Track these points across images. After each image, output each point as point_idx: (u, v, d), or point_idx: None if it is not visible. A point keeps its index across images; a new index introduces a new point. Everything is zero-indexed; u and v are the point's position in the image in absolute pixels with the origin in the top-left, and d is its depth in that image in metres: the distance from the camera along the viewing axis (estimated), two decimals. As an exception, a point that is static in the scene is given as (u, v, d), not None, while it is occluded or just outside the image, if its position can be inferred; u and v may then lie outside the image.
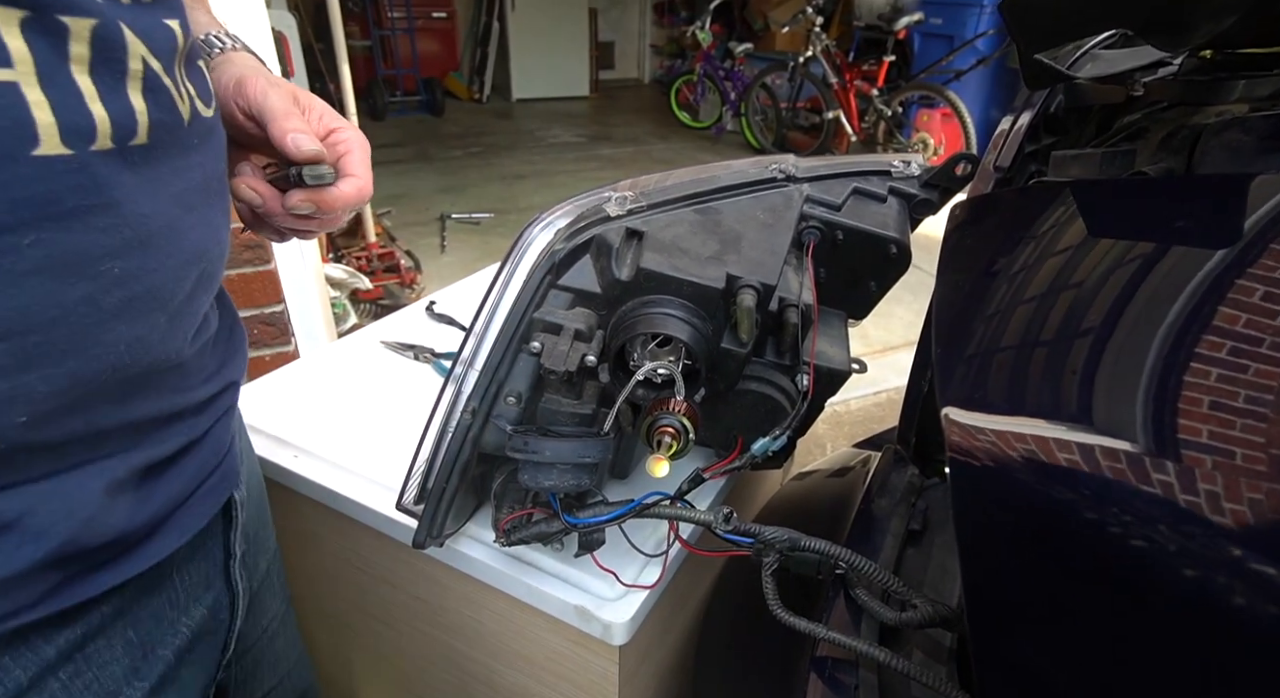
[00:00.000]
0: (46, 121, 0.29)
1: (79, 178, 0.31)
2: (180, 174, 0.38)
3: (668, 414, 0.49)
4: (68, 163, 0.30)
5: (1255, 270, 0.29)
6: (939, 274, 0.43)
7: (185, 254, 0.38)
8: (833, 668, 0.49)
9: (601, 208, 0.54)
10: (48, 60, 0.29)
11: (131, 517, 0.38)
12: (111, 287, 0.33)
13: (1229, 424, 0.25)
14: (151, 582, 0.42)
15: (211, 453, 0.45)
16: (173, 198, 0.37)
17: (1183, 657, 0.22)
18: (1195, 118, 0.50)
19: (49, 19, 0.29)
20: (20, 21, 0.28)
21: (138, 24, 0.34)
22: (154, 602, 0.43)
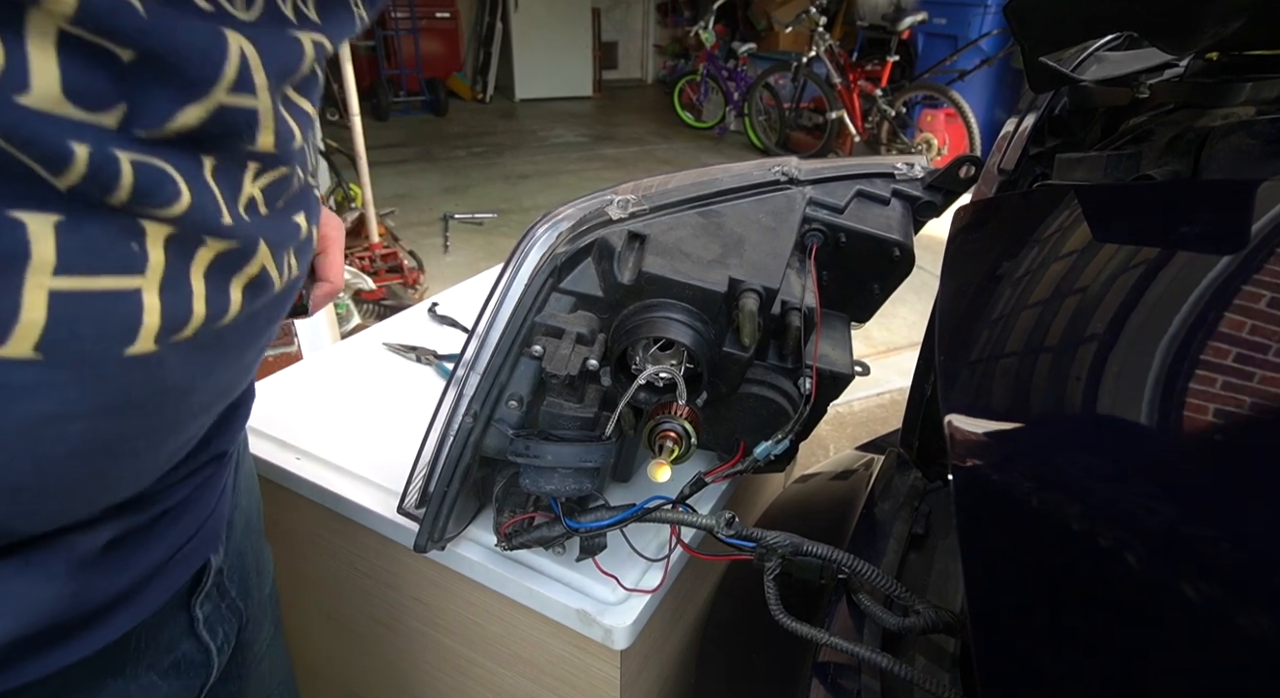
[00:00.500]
0: (151, 324, 0.29)
1: (152, 371, 0.30)
2: (251, 343, 0.37)
3: (670, 418, 0.49)
4: (147, 358, 0.29)
5: (1261, 277, 0.28)
6: (943, 279, 0.43)
7: (215, 398, 0.37)
8: (835, 673, 0.48)
9: (604, 211, 0.54)
10: (176, 268, 0.29)
11: (88, 595, 0.34)
12: (128, 457, 0.32)
13: (1235, 432, 0.25)
14: (94, 658, 0.36)
15: (192, 519, 0.41)
16: (234, 364, 0.36)
17: (1186, 667, 0.22)
18: (1201, 121, 0.50)
19: (193, 237, 0.29)
20: (167, 237, 0.28)
21: (271, 236, 0.34)
22: (94, 675, 0.38)
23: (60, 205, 0.25)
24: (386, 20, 5.95)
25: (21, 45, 0.22)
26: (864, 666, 0.47)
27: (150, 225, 0.28)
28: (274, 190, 0.34)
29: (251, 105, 0.30)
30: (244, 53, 0.28)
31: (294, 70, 0.32)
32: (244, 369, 0.39)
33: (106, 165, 0.25)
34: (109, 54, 0.24)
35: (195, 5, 0.27)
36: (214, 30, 0.27)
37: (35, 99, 0.23)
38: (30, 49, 0.22)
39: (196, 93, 0.27)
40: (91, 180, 0.25)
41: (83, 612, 0.34)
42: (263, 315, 0.37)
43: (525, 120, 6.10)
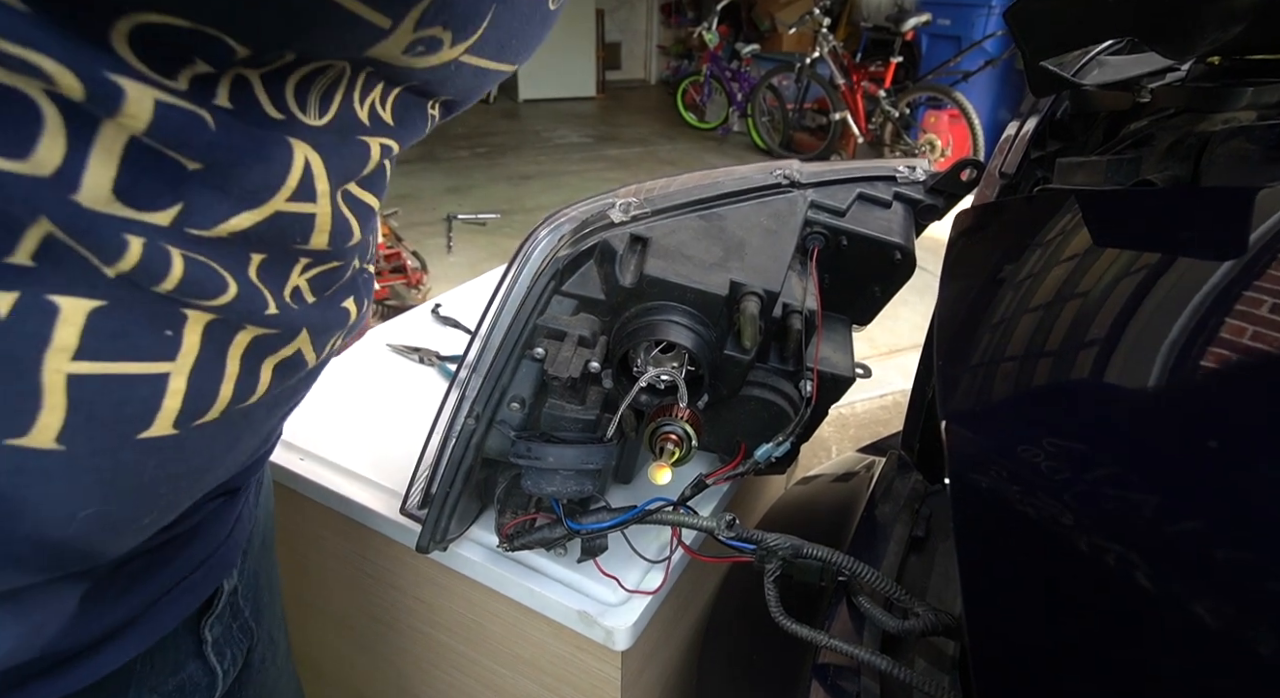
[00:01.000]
0: (171, 407, 0.27)
1: (169, 454, 0.29)
2: (279, 413, 0.36)
3: (671, 421, 0.49)
4: (164, 441, 0.28)
5: (1262, 284, 0.29)
6: (942, 284, 0.43)
7: (234, 468, 0.36)
8: (834, 675, 0.48)
9: (605, 214, 0.54)
10: (210, 353, 0.28)
11: (95, 621, 0.33)
12: (130, 534, 0.31)
13: (1236, 440, 0.25)
14: (102, 683, 0.36)
15: (201, 546, 0.39)
16: (257, 434, 0.35)
17: (1181, 674, 0.22)
18: (1202, 125, 0.50)
19: (235, 324, 0.29)
20: (208, 323, 0.28)
21: (316, 322, 0.33)
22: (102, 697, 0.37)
23: (103, 292, 0.24)
24: (391, 21, 5.96)
25: (85, 152, 0.22)
26: (863, 668, 0.47)
27: (192, 313, 0.27)
28: (322, 281, 0.33)
29: (310, 211, 0.29)
30: (308, 162, 0.28)
31: (358, 174, 0.31)
32: (266, 437, 0.38)
33: (158, 257, 0.25)
34: (174, 163, 0.24)
35: (266, 114, 0.26)
36: (281, 140, 0.27)
37: (84, 198, 0.22)
38: (92, 156, 0.22)
39: (255, 202, 0.27)
40: (142, 271, 0.24)
41: (87, 638, 0.33)
42: (290, 390, 0.35)
43: (528, 121, 6.11)
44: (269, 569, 0.52)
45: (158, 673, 0.40)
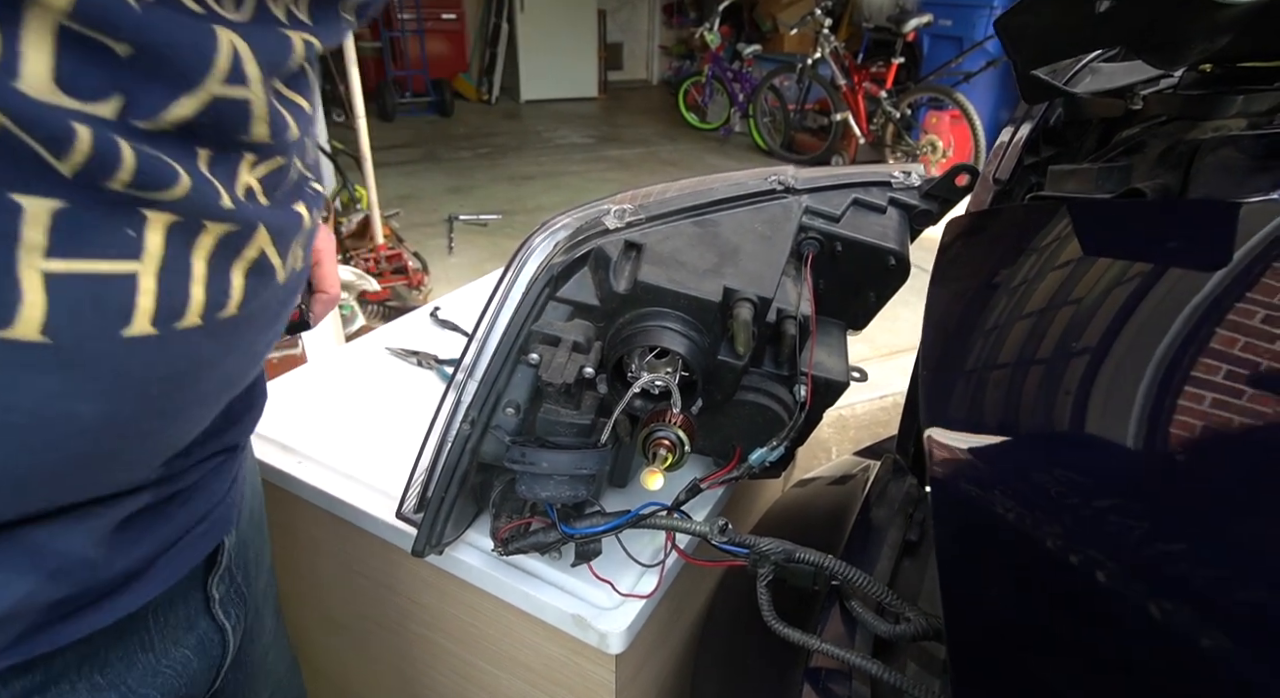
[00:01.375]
0: (146, 306, 0.29)
1: (154, 355, 0.31)
2: (261, 333, 0.38)
3: (664, 426, 0.50)
4: (149, 342, 0.30)
5: (1240, 297, 0.29)
6: (929, 292, 0.43)
7: (223, 387, 0.38)
8: (826, 679, 0.49)
9: (600, 221, 0.55)
10: (176, 254, 0.30)
11: (107, 567, 0.36)
12: (137, 438, 0.33)
13: (1214, 451, 0.25)
14: (121, 628, 0.39)
15: (203, 502, 0.43)
16: (244, 353, 0.37)
17: (1156, 681, 0.23)
18: (1193, 133, 0.50)
19: (194, 223, 0.30)
20: (169, 225, 0.29)
21: (271, 221, 0.35)
22: (124, 646, 0.40)
23: (63, 191, 0.26)
24: (393, 21, 5.98)
25: (16, 37, 0.23)
26: (855, 672, 0.48)
27: (151, 213, 0.29)
28: (272, 180, 0.35)
29: (244, 96, 0.31)
30: (235, 46, 0.30)
31: (283, 63, 0.33)
32: (252, 358, 0.40)
33: (108, 148, 0.26)
34: (104, 48, 0.26)
35: (186, 6, 0.28)
36: (205, 27, 0.28)
37: (26, 86, 0.24)
38: (25, 41, 0.24)
39: (190, 84, 0.28)
40: (95, 162, 0.26)
41: (103, 582, 0.36)
42: (270, 307, 0.38)
43: (530, 121, 6.12)
44: (259, 546, 0.54)
45: (175, 627, 0.43)
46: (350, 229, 2.90)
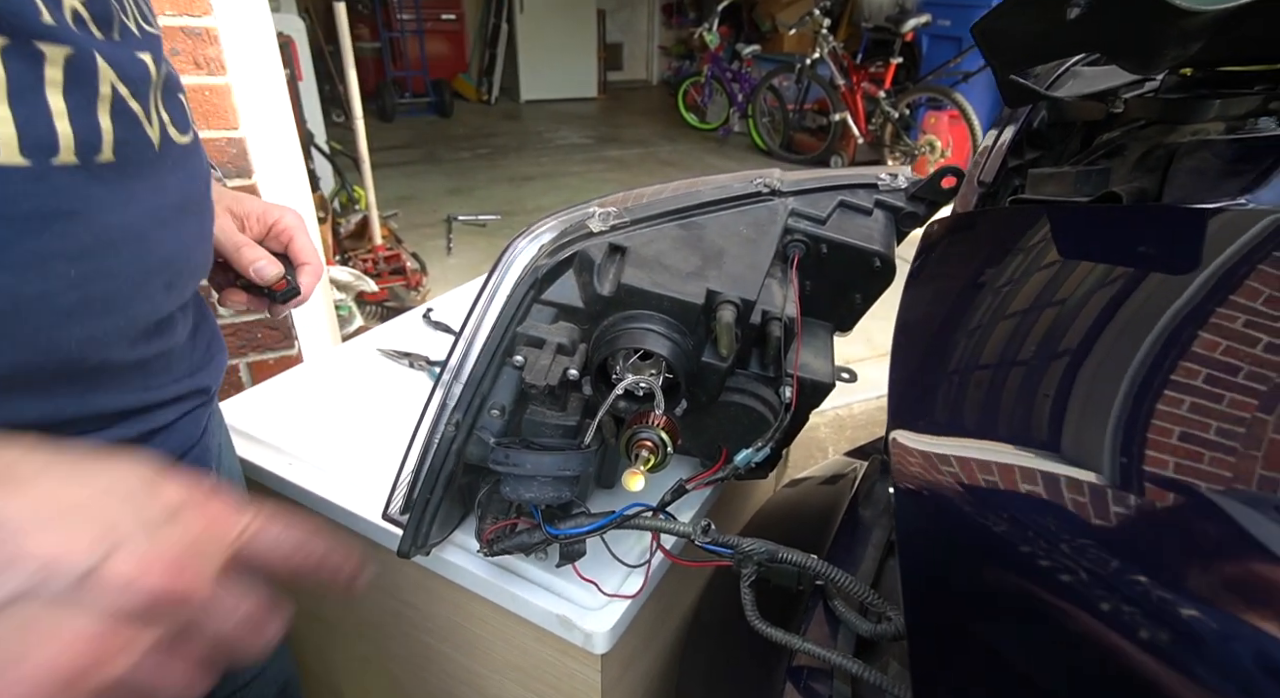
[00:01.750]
0: (7, 134, 0.32)
1: (37, 187, 0.33)
2: (155, 192, 0.40)
3: (646, 428, 0.50)
4: (25, 173, 0.32)
5: (1227, 302, 0.29)
6: (904, 294, 0.44)
7: (151, 264, 0.40)
8: (808, 678, 0.49)
9: (584, 224, 0.55)
10: (21, 81, 0.32)
11: None
12: (67, 288, 0.35)
13: (1177, 456, 0.26)
14: None
15: (179, 443, 0.46)
16: (144, 212, 0.39)
17: (1113, 685, 0.23)
18: (1172, 136, 0.50)
19: (26, 45, 0.32)
20: (1, 48, 0.31)
21: (112, 56, 0.36)
22: None
23: None
24: (392, 22, 5.99)
25: None
26: (836, 671, 0.48)
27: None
28: (97, 8, 0.36)
29: None
30: None
31: None
32: (183, 244, 0.42)
33: None
34: None
35: None
36: None
37: None
38: None
39: None
40: None
41: None
42: (170, 173, 0.40)
43: (530, 122, 6.12)
44: None
45: None
46: (349, 230, 2.91)
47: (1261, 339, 0.27)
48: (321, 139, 3.09)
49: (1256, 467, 0.24)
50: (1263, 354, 0.27)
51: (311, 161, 2.98)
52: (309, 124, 3.01)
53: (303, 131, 2.84)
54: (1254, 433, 0.25)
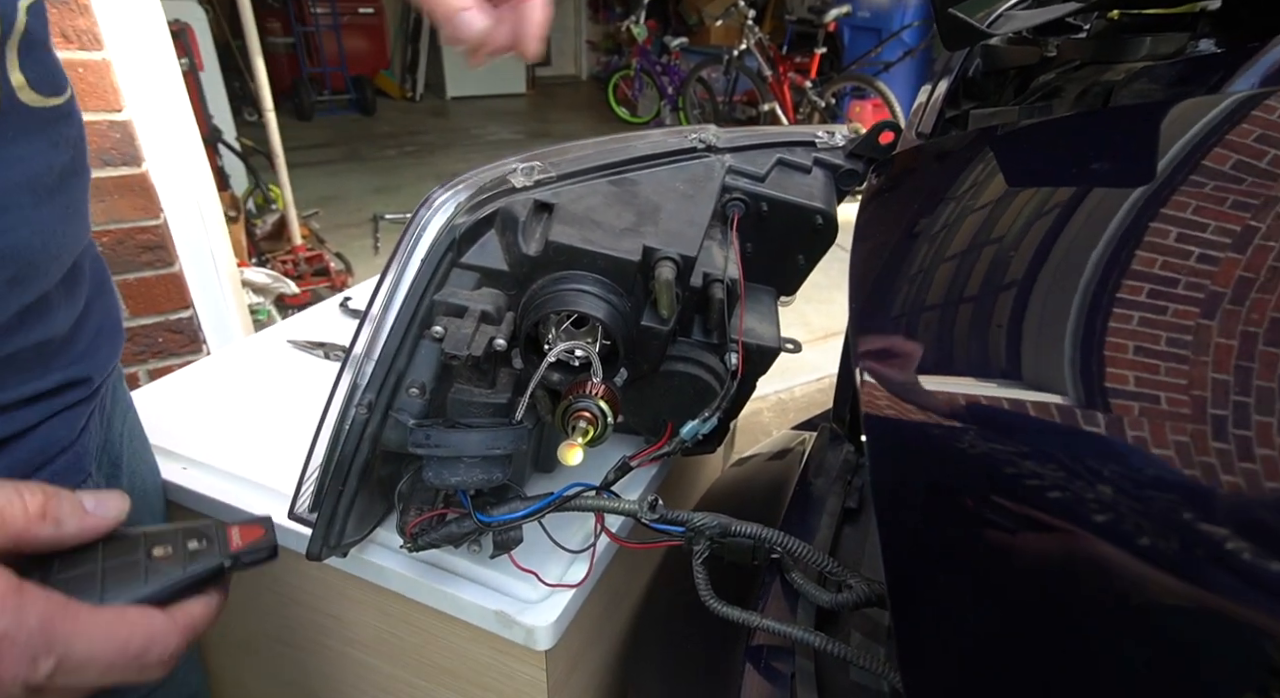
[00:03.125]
0: None
1: None
2: (17, 159, 0.33)
3: (584, 397, 0.46)
4: None
5: (1168, 210, 0.27)
6: (855, 234, 0.41)
7: (21, 214, 0.34)
8: (768, 657, 0.46)
9: (506, 179, 0.50)
10: None
11: None
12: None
13: (1152, 369, 0.23)
14: None
15: (36, 451, 0.38)
16: (30, 192, 0.33)
17: (1108, 617, 0.20)
18: (1106, 76, 0.49)
19: None
20: None
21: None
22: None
23: None
24: (306, 16, 5.71)
25: None
26: (798, 646, 0.45)
27: None
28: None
29: None
30: None
31: None
32: (33, 230, 0.35)
33: None
34: None
35: None
36: None
37: None
38: None
39: None
40: None
41: None
42: (14, 144, 0.34)
43: (458, 118, 5.97)
44: None
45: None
46: (265, 231, 2.74)
47: (1194, 251, 0.25)
48: (231, 136, 2.91)
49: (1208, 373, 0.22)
50: (1197, 265, 0.25)
51: (220, 159, 2.80)
52: (216, 120, 2.83)
53: (205, 125, 2.66)
54: (1200, 340, 0.23)
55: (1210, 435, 0.21)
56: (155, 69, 1.21)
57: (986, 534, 0.23)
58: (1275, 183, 0.24)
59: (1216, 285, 0.24)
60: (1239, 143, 0.27)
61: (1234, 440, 0.20)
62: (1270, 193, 0.24)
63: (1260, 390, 0.21)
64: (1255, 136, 0.27)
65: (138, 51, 1.17)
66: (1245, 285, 0.23)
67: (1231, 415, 0.21)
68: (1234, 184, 0.26)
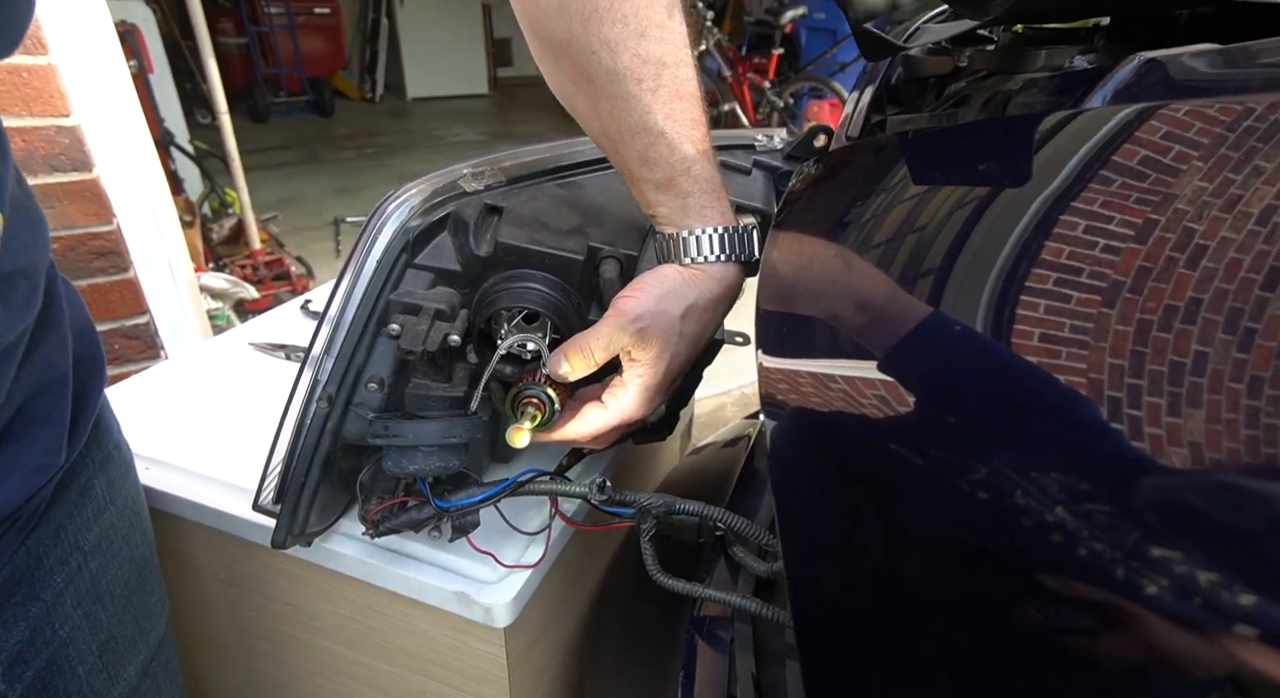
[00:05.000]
0: None
1: None
2: None
3: (533, 385, 0.49)
4: None
5: (1072, 203, 0.30)
6: (771, 227, 0.45)
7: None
8: (710, 626, 0.50)
9: (457, 184, 0.53)
10: None
11: None
12: None
13: (1054, 354, 0.26)
14: None
15: None
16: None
17: (1007, 598, 0.23)
18: (1007, 85, 0.54)
19: None
20: None
21: None
22: None
23: None
24: (260, 16, 5.60)
25: None
26: (737, 614, 0.49)
27: None
28: None
29: None
30: None
31: None
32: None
33: None
34: None
35: None
36: None
37: None
38: None
39: None
40: None
41: None
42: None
43: (419, 119, 5.90)
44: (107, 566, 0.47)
45: None
46: (222, 235, 2.69)
47: (1099, 242, 0.28)
48: (185, 139, 2.85)
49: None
50: (1101, 255, 0.28)
51: (174, 163, 2.74)
52: (168, 123, 2.76)
53: (157, 128, 2.61)
54: (1100, 326, 0.26)
55: (1106, 414, 0.23)
56: (103, 72, 1.20)
57: (876, 511, 0.26)
58: (1129, 188, 0.28)
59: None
60: (1090, 155, 0.31)
61: (1126, 421, 0.22)
62: (1120, 198, 0.28)
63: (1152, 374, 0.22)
64: (1103, 149, 0.31)
65: (84, 55, 1.16)
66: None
67: (1125, 397, 0.22)
68: (1092, 189, 0.30)
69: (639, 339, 0.46)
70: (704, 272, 0.48)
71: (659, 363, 0.47)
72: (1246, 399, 0.21)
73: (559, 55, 0.45)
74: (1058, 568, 0.22)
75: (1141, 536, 0.20)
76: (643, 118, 0.44)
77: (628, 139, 0.45)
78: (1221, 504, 0.20)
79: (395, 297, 0.50)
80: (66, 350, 0.44)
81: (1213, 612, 0.18)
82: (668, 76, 0.44)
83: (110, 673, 0.48)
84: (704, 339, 0.51)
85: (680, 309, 0.47)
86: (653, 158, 0.46)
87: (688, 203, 0.48)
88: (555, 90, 0.49)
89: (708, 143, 0.48)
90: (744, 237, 0.49)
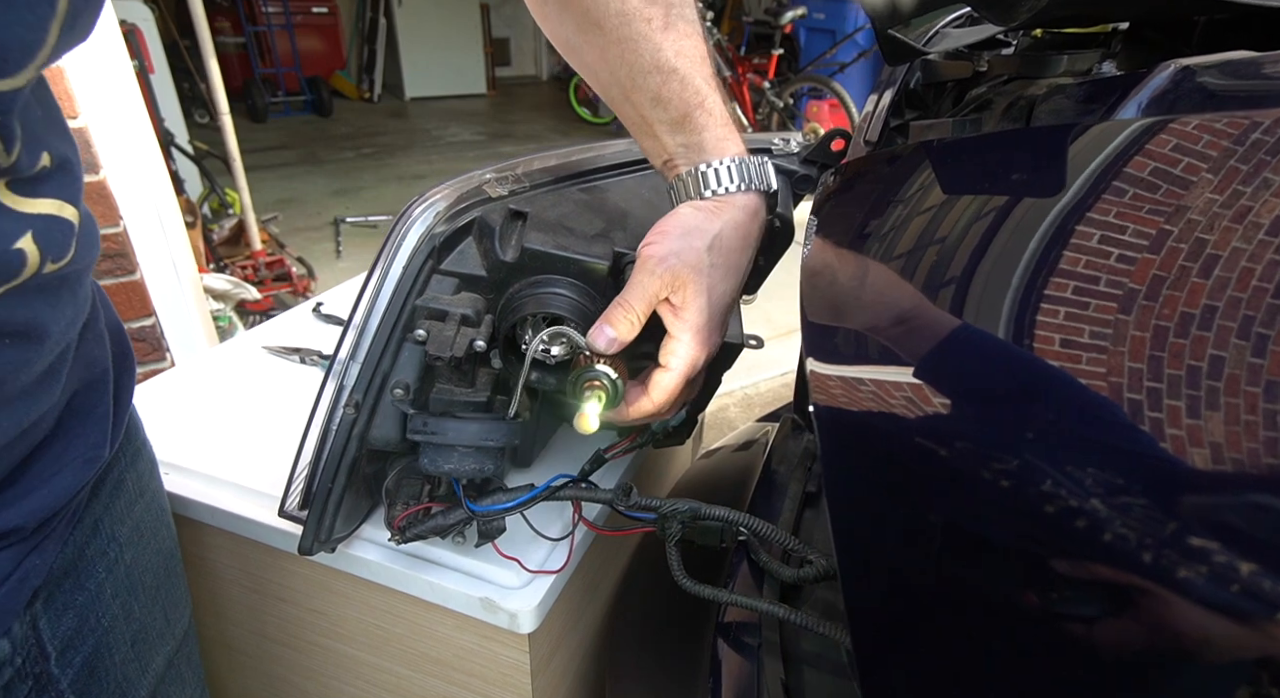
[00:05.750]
0: None
1: None
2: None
3: (588, 368, 0.48)
4: None
5: (1090, 215, 0.31)
6: (807, 234, 0.45)
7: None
8: (737, 631, 0.50)
9: (481, 189, 0.53)
10: None
11: None
12: None
13: (1076, 359, 0.26)
14: None
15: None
16: None
17: (1050, 592, 0.24)
18: (1030, 90, 0.54)
19: None
20: None
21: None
22: None
23: None
24: (258, 16, 5.58)
25: None
26: (763, 619, 0.49)
27: None
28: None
29: None
30: None
31: None
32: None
33: None
34: None
35: None
36: None
37: None
38: None
39: None
40: None
41: None
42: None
43: (417, 119, 5.89)
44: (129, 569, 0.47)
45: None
46: (223, 236, 2.69)
47: (1113, 252, 0.29)
48: (184, 140, 2.84)
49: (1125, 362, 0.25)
50: (1118, 265, 0.28)
51: (174, 163, 2.73)
52: (167, 123, 2.75)
53: (159, 129, 2.60)
54: (1119, 332, 0.26)
55: (1128, 415, 0.23)
56: (109, 73, 1.19)
57: (925, 510, 0.27)
58: (1170, 200, 0.28)
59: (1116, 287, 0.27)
60: (1121, 167, 0.31)
61: (1148, 422, 0.23)
62: (1157, 211, 0.29)
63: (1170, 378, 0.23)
64: (1133, 162, 0.31)
65: (91, 55, 1.16)
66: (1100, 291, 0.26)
67: (1146, 400, 0.23)
68: (1125, 202, 0.30)
69: (670, 280, 0.46)
70: (725, 201, 0.48)
71: (698, 300, 0.47)
72: (1264, 402, 0.21)
73: (564, 6, 0.45)
74: (1125, 567, 0.22)
75: (1219, 539, 0.20)
76: (654, 57, 0.44)
77: (639, 81, 0.45)
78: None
79: (421, 302, 0.50)
80: (105, 346, 0.45)
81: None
82: (675, 14, 0.45)
83: (141, 663, 0.49)
84: (740, 269, 0.50)
85: (705, 242, 0.46)
86: (666, 96, 0.46)
87: (704, 138, 0.47)
88: (559, 45, 0.49)
89: (716, 79, 0.48)
90: (760, 167, 0.49)
